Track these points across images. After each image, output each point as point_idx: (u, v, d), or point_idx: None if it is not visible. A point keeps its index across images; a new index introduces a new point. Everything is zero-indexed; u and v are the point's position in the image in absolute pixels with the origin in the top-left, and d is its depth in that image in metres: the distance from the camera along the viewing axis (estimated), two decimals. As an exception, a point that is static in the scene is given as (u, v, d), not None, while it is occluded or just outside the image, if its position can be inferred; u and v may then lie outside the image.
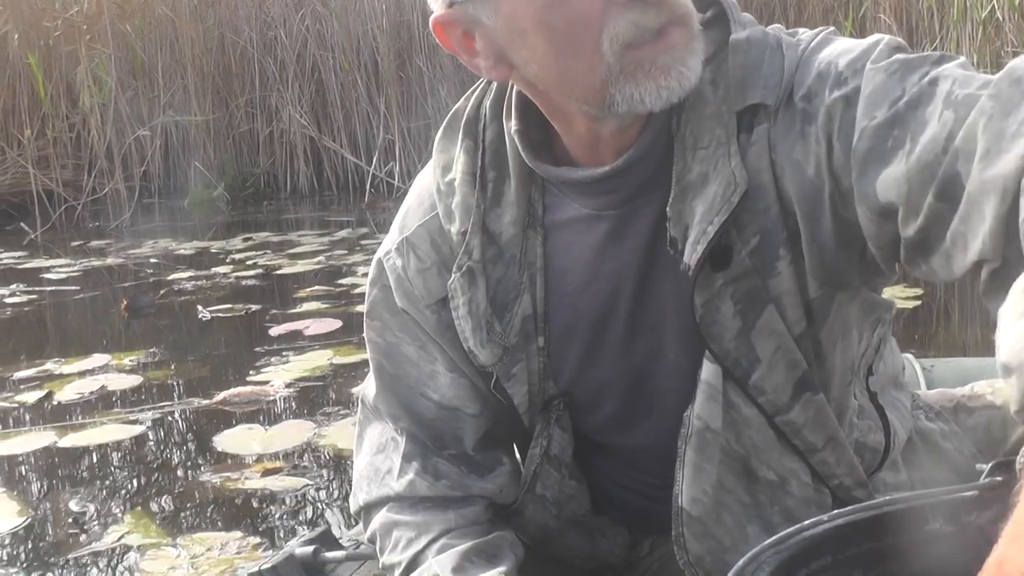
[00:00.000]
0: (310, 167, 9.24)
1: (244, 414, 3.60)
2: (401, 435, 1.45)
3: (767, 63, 1.18)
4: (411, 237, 1.38)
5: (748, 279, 1.20)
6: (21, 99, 8.86)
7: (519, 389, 1.36)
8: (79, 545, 2.69)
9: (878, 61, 1.11)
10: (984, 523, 0.86)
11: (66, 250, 7.40)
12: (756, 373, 1.24)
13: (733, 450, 1.27)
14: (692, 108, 1.19)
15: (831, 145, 1.13)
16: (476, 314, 1.32)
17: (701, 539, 1.30)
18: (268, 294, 5.59)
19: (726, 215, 1.16)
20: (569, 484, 1.44)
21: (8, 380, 4.21)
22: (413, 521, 1.40)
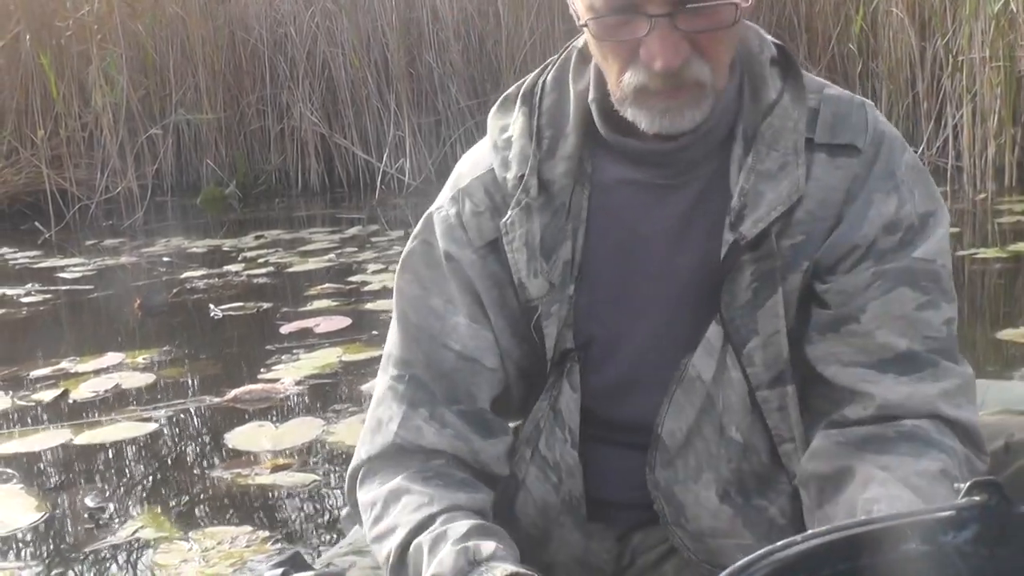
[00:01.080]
0: (321, 164, 9.25)
1: (255, 411, 3.63)
2: (408, 383, 1.48)
3: (854, 115, 1.43)
4: (466, 187, 1.51)
5: (770, 261, 1.39)
6: (34, 99, 8.89)
7: (552, 331, 1.45)
8: (95, 540, 2.72)
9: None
10: (960, 543, 0.88)
11: (80, 249, 7.43)
12: (751, 343, 1.41)
13: (715, 404, 1.43)
14: (779, 116, 1.41)
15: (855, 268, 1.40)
16: (532, 245, 1.44)
17: (664, 465, 1.45)
18: (279, 292, 5.62)
19: (784, 208, 1.38)
20: (570, 453, 1.48)
21: (25, 379, 4.25)
22: (424, 491, 1.42)
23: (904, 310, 1.38)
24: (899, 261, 1.39)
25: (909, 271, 1.39)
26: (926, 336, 1.38)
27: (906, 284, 1.39)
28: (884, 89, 7.62)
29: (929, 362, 1.38)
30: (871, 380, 1.38)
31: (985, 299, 4.62)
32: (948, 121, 7.15)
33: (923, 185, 1.43)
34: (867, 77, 7.79)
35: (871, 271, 1.39)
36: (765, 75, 1.42)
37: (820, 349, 1.41)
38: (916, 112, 7.53)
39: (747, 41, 1.44)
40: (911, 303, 1.38)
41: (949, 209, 4.98)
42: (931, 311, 1.39)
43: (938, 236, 1.41)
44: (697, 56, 1.32)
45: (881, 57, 7.63)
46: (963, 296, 4.59)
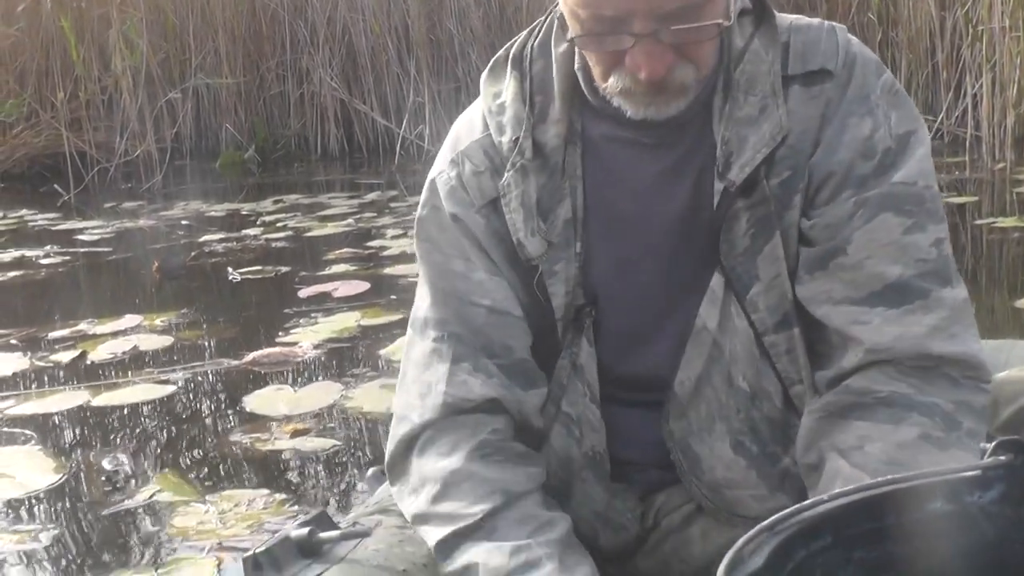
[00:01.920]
0: (340, 129, 9.24)
1: (273, 375, 3.64)
2: (447, 341, 1.51)
3: (824, 40, 1.44)
4: (465, 150, 1.54)
5: (764, 206, 1.41)
6: (54, 62, 8.90)
7: (559, 289, 1.48)
8: (112, 502, 2.73)
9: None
10: (985, 503, 0.88)
11: (99, 212, 7.45)
12: (753, 289, 1.43)
13: (722, 352, 1.45)
14: (750, 61, 1.43)
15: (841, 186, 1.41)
16: (528, 205, 1.46)
17: (678, 417, 1.48)
18: (298, 256, 5.62)
19: (769, 150, 1.40)
20: (590, 408, 1.50)
21: (43, 340, 4.27)
22: (486, 476, 1.45)
23: (891, 236, 1.39)
24: (880, 187, 1.39)
25: (891, 196, 1.39)
26: (917, 259, 1.39)
27: (889, 209, 1.39)
28: (904, 59, 7.58)
29: (920, 292, 1.38)
30: (860, 319, 1.38)
31: (1004, 268, 4.61)
32: (967, 91, 7.13)
33: (900, 107, 1.44)
34: (887, 46, 7.75)
35: (852, 200, 1.40)
36: (733, 26, 1.44)
37: (811, 288, 1.42)
38: (935, 82, 7.51)
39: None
40: (897, 228, 1.39)
41: (968, 179, 4.97)
42: (918, 234, 1.39)
43: (918, 157, 1.42)
44: (681, 61, 1.36)
45: (901, 27, 7.60)
46: (981, 265, 4.59)
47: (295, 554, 1.46)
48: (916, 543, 0.89)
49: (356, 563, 1.45)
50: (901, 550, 0.89)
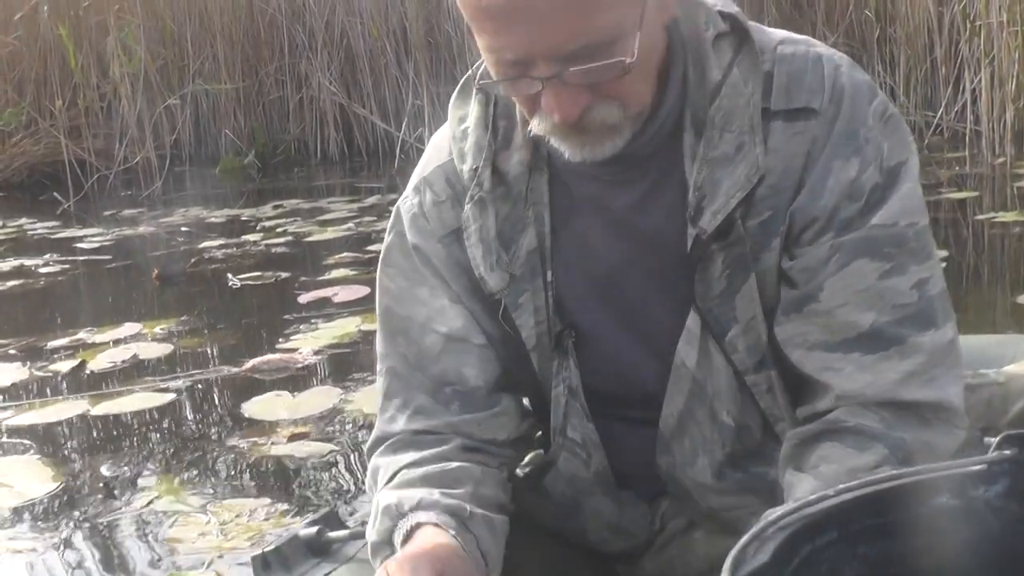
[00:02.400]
0: (340, 134, 9.24)
1: (273, 381, 3.63)
2: (384, 375, 1.50)
3: (810, 72, 1.35)
4: (428, 176, 1.50)
5: (740, 247, 1.34)
6: (52, 70, 8.91)
7: (526, 321, 1.44)
8: (111, 510, 2.73)
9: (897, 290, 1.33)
10: (991, 497, 0.86)
11: (98, 219, 7.45)
12: (732, 331, 1.38)
13: (703, 389, 1.41)
14: (727, 96, 1.34)
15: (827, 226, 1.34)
16: (487, 240, 1.42)
17: (663, 451, 1.45)
18: (298, 261, 5.62)
19: (744, 193, 1.32)
20: (587, 427, 1.48)
21: (42, 349, 4.27)
22: (387, 461, 1.46)
23: (866, 282, 1.32)
24: (857, 231, 1.33)
25: (867, 240, 1.33)
26: (894, 305, 1.33)
27: (864, 255, 1.32)
28: (902, 54, 7.58)
29: (895, 339, 1.32)
30: (832, 366, 1.34)
31: (1004, 263, 4.61)
32: (966, 86, 7.13)
33: (893, 134, 1.36)
34: (885, 42, 7.75)
35: (829, 244, 1.33)
36: (708, 54, 1.35)
37: (787, 330, 1.37)
38: (934, 77, 7.50)
39: (692, 19, 1.37)
40: (873, 273, 1.32)
41: (968, 174, 4.95)
42: (897, 277, 1.33)
43: (901, 193, 1.34)
44: (600, 101, 1.27)
45: (899, 22, 7.60)
46: (982, 260, 4.58)
47: (304, 553, 1.47)
48: (921, 538, 0.88)
49: (365, 563, 1.44)
50: (906, 545, 0.88)
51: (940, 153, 6.93)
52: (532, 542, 1.54)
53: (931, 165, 6.58)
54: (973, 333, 3.32)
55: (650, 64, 1.31)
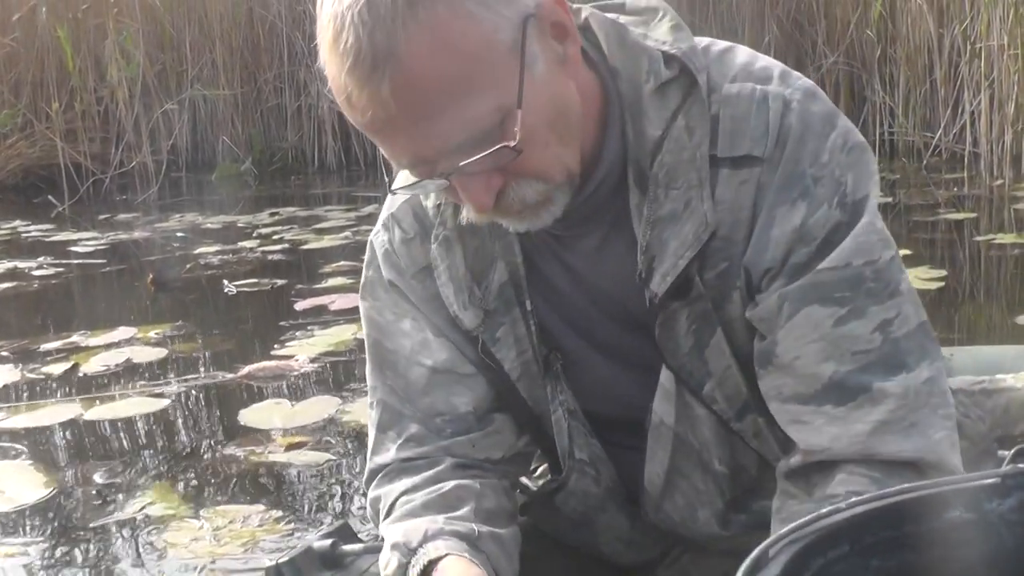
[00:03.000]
0: (338, 142, 9.24)
1: (269, 388, 3.62)
2: (376, 408, 1.48)
3: (754, 116, 1.27)
4: (396, 212, 1.45)
5: (702, 303, 1.30)
6: (50, 72, 8.89)
7: (507, 354, 1.41)
8: (104, 516, 2.71)
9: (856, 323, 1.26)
10: (1005, 511, 0.86)
11: (93, 223, 7.43)
12: (708, 385, 1.34)
13: (688, 442, 1.38)
14: (669, 152, 1.27)
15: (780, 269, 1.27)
16: (456, 278, 1.39)
17: (654, 511, 1.43)
18: (294, 269, 5.61)
19: (695, 251, 1.27)
20: (594, 443, 1.46)
21: (35, 352, 4.25)
22: (384, 491, 1.45)
23: (819, 331, 1.26)
24: (803, 277, 1.26)
25: (815, 286, 1.26)
26: (855, 352, 1.26)
27: (814, 302, 1.26)
28: (902, 75, 7.60)
29: (860, 387, 1.25)
30: (801, 419, 1.28)
31: (1003, 285, 4.61)
32: (965, 108, 7.15)
33: (855, 165, 1.28)
34: (885, 63, 7.78)
35: (778, 293, 1.27)
36: (644, 109, 1.29)
37: (765, 383, 1.31)
38: (934, 98, 7.52)
39: (633, 70, 1.30)
40: (826, 321, 1.25)
41: (966, 195, 4.96)
42: (855, 321, 1.25)
43: (856, 232, 1.26)
44: (515, 179, 1.21)
45: (899, 43, 7.62)
46: (981, 282, 4.59)
47: (317, 566, 1.46)
48: (934, 552, 0.87)
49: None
50: (919, 559, 0.87)
51: (939, 174, 6.95)
52: (548, 553, 1.53)
53: (929, 186, 6.60)
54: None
55: (563, 125, 1.23)
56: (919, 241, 5.18)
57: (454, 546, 1.32)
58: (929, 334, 1.29)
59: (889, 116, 7.78)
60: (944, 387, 1.29)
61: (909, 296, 1.28)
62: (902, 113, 7.63)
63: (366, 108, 1.15)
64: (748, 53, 1.34)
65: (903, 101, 7.62)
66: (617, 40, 1.31)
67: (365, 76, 1.12)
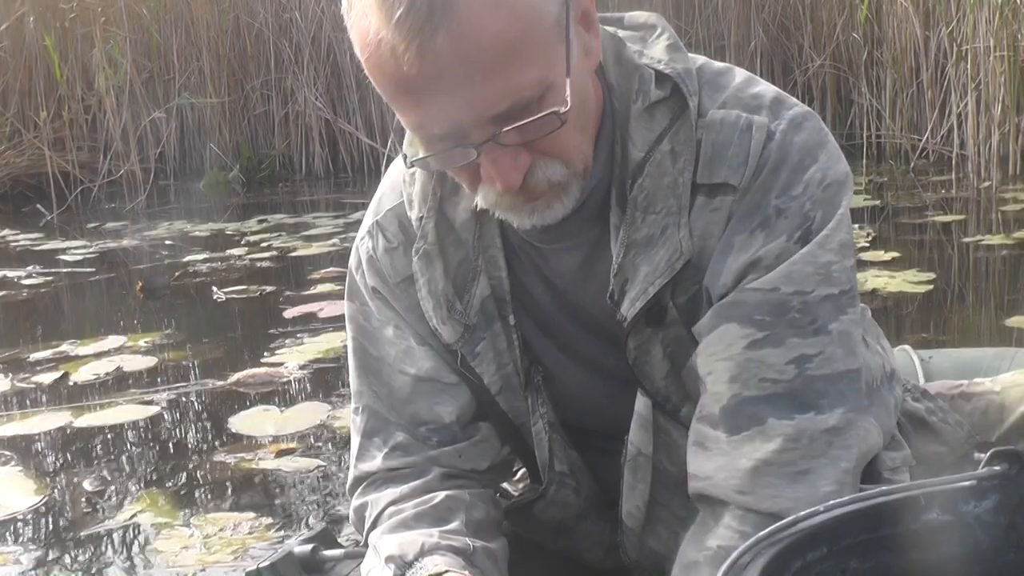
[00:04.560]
0: (325, 149, 9.24)
1: (259, 395, 3.62)
2: (361, 414, 1.48)
3: (735, 144, 1.26)
4: (381, 220, 1.45)
5: (676, 328, 1.30)
6: (37, 81, 8.89)
7: (487, 368, 1.42)
8: (94, 523, 2.71)
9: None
10: (981, 513, 0.87)
11: (82, 232, 7.43)
12: (685, 408, 1.34)
13: (666, 470, 1.37)
14: (650, 176, 1.27)
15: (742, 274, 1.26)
16: (435, 293, 1.38)
17: (637, 548, 1.43)
18: (283, 276, 5.60)
19: (667, 279, 1.27)
20: (572, 454, 1.47)
21: (25, 361, 4.24)
22: (371, 499, 1.45)
23: (731, 350, 1.24)
24: (731, 295, 1.25)
25: (736, 304, 1.25)
26: (762, 379, 1.23)
27: (733, 319, 1.24)
28: (888, 78, 7.62)
29: (754, 418, 1.23)
30: (702, 442, 1.27)
31: (990, 287, 4.62)
32: (952, 110, 7.16)
33: (828, 204, 1.26)
34: (872, 66, 7.79)
35: (711, 309, 1.27)
36: (630, 131, 1.29)
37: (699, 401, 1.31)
38: (920, 101, 7.53)
39: (625, 88, 1.31)
40: (740, 341, 1.24)
41: (954, 197, 4.95)
42: (769, 348, 1.23)
43: (793, 260, 1.24)
44: (542, 159, 1.21)
45: (886, 46, 7.64)
46: (969, 284, 4.59)
47: (298, 570, 1.46)
48: (912, 553, 0.89)
49: None
50: (897, 560, 0.88)
51: (926, 176, 6.96)
52: (528, 557, 1.54)
53: (917, 188, 6.61)
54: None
55: (584, 114, 1.24)
56: (907, 243, 5.19)
57: (452, 562, 1.32)
58: (855, 384, 1.25)
59: (876, 119, 7.79)
60: (854, 442, 1.24)
61: (842, 341, 1.24)
62: (889, 116, 7.64)
63: (412, 62, 1.11)
64: (744, 77, 1.33)
65: (890, 104, 7.64)
66: (613, 55, 1.31)
67: (418, 26, 1.09)
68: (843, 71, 8.02)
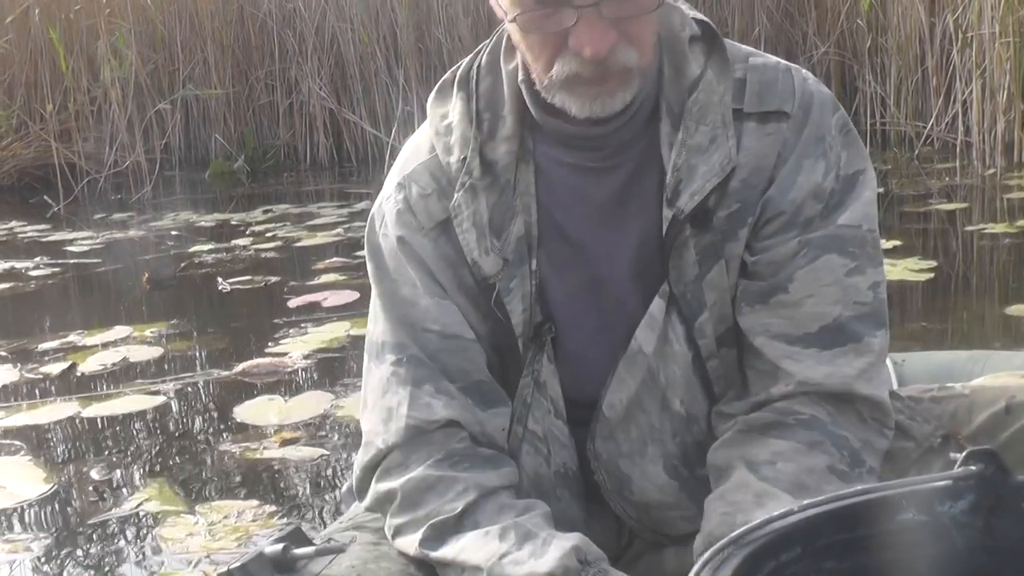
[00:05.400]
0: (330, 139, 9.24)
1: (264, 385, 3.64)
2: (407, 364, 1.48)
3: (780, 81, 1.45)
4: (411, 173, 1.51)
5: (711, 236, 1.41)
6: (43, 73, 8.90)
7: (516, 307, 1.46)
8: (101, 512, 2.74)
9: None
10: (956, 513, 0.88)
11: (88, 223, 7.44)
12: (701, 317, 1.43)
13: (656, 378, 1.45)
14: (703, 91, 1.42)
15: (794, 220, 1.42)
16: (480, 224, 1.44)
17: (606, 438, 1.48)
18: (287, 266, 5.62)
19: (718, 180, 1.40)
20: (556, 424, 1.49)
21: (33, 352, 4.27)
22: (458, 476, 1.42)
23: (834, 276, 1.41)
24: (825, 228, 1.42)
25: (835, 237, 1.41)
26: (855, 302, 1.41)
27: (833, 251, 1.41)
28: (893, 65, 7.60)
29: (853, 335, 1.41)
30: (793, 356, 1.41)
31: (994, 274, 4.62)
32: (957, 97, 7.14)
33: (851, 146, 1.46)
34: (876, 52, 7.77)
35: (797, 240, 1.41)
36: (686, 52, 1.44)
37: (750, 320, 1.43)
38: (925, 88, 7.52)
39: (668, 19, 1.45)
40: (840, 269, 1.41)
41: (958, 185, 4.96)
42: (858, 276, 1.41)
43: (864, 200, 1.44)
44: (623, 42, 1.33)
45: (890, 33, 7.62)
46: (972, 271, 4.59)
47: (270, 571, 1.44)
48: (887, 553, 0.90)
49: None
50: (872, 561, 0.89)
51: (930, 164, 6.95)
52: None
53: (921, 176, 6.60)
54: (961, 344, 3.34)
55: (658, 21, 1.40)
56: (910, 232, 5.19)
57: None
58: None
59: (880, 106, 7.78)
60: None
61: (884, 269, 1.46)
62: (894, 103, 7.63)
63: None
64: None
65: (895, 91, 7.62)
66: None
67: None
68: (847, 58, 8.01)
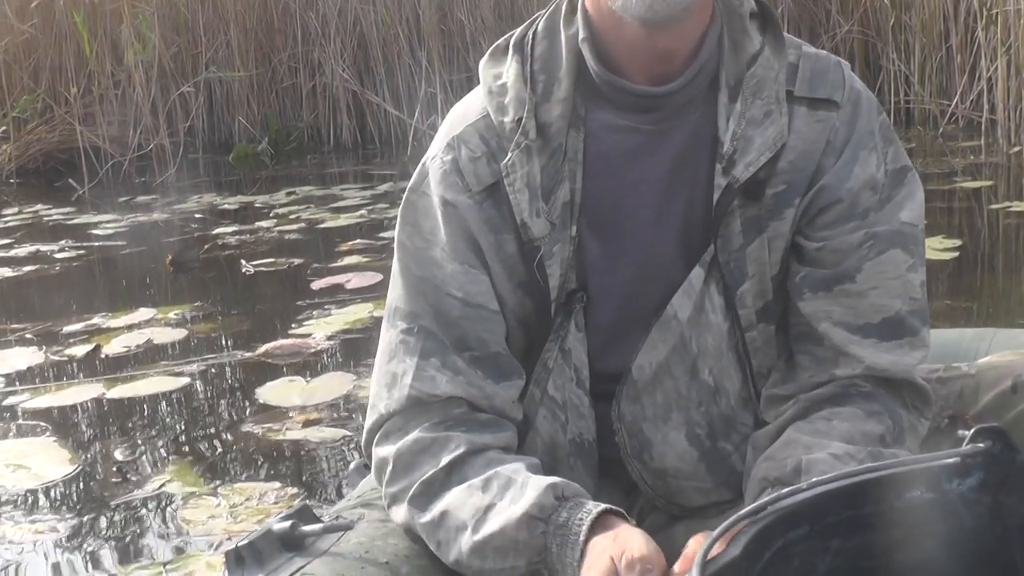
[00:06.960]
0: (353, 121, 9.22)
1: (287, 366, 3.66)
2: (417, 334, 1.47)
3: (831, 72, 1.48)
4: (460, 134, 1.51)
5: (756, 208, 1.44)
6: (67, 57, 8.91)
7: (555, 271, 1.46)
8: (124, 492, 2.76)
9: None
10: (964, 491, 0.88)
11: (113, 206, 7.46)
12: (744, 286, 1.45)
13: (688, 345, 1.46)
14: (761, 66, 1.45)
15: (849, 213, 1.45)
16: (533, 186, 1.45)
17: (631, 400, 1.48)
18: (311, 248, 5.63)
19: (772, 154, 1.43)
20: (576, 393, 1.49)
21: (58, 334, 4.30)
22: (451, 435, 1.43)
23: (897, 271, 1.45)
24: (889, 224, 1.45)
25: (900, 234, 1.45)
26: (911, 297, 1.45)
27: (898, 246, 1.45)
28: (917, 43, 7.55)
29: (910, 329, 1.45)
30: (857, 343, 1.44)
31: (1018, 252, 4.60)
32: (982, 74, 7.09)
33: (894, 143, 1.49)
34: (900, 30, 7.72)
35: (863, 232, 1.44)
36: (746, 27, 1.47)
37: (813, 305, 1.45)
38: (950, 66, 7.47)
39: None
40: (903, 264, 1.45)
41: (983, 163, 4.96)
42: (914, 273, 1.46)
43: (918, 200, 1.48)
44: None
45: (914, 10, 7.57)
46: (997, 250, 4.58)
47: (278, 548, 1.44)
48: (894, 531, 0.90)
49: (339, 556, 1.43)
50: (879, 538, 0.89)
51: (955, 142, 6.91)
52: None
53: (946, 154, 6.57)
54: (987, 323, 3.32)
55: None
56: (935, 210, 5.15)
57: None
58: None
59: (905, 84, 7.74)
60: None
61: None
62: (918, 81, 7.58)
63: None
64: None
65: (919, 69, 7.58)
66: None
67: None
68: (871, 36, 7.96)
